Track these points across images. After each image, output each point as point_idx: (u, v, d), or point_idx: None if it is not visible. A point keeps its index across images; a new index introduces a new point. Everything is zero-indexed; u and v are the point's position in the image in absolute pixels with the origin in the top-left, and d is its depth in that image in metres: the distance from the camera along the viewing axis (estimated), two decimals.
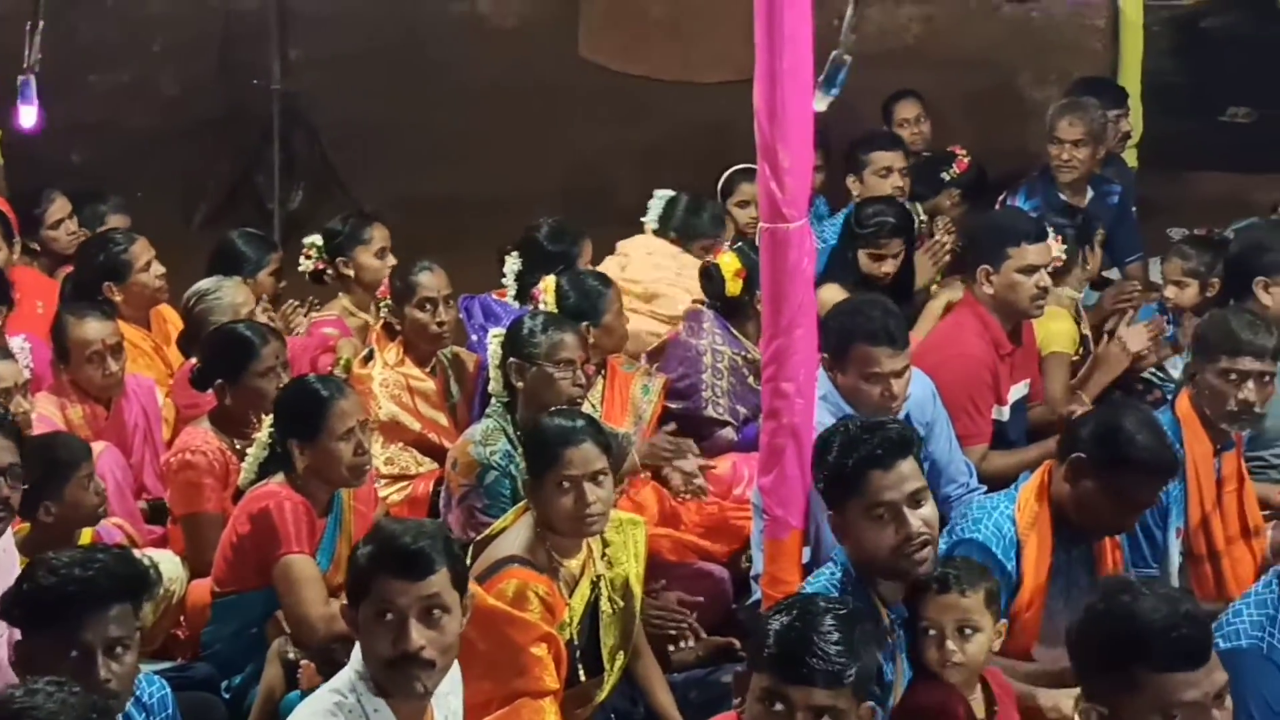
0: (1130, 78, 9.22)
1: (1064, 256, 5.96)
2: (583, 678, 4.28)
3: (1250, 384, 4.78)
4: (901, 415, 4.90)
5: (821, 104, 4.01)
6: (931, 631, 3.81)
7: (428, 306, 5.73)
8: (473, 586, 3.59)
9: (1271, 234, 5.87)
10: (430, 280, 5.76)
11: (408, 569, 3.32)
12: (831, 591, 3.80)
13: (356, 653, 3.38)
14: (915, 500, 3.84)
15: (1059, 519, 4.33)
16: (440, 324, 5.76)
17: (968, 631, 3.81)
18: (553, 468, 4.18)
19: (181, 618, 4.89)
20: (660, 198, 6.63)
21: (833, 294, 5.63)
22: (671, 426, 5.58)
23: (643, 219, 6.66)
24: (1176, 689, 2.98)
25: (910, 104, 8.17)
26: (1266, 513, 5.14)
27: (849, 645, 3.09)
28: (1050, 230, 5.75)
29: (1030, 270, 5.48)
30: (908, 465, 3.86)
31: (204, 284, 5.99)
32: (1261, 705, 3.66)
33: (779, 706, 3.09)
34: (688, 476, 5.30)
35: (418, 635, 3.29)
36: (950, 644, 3.79)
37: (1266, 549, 4.95)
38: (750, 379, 5.65)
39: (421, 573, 3.31)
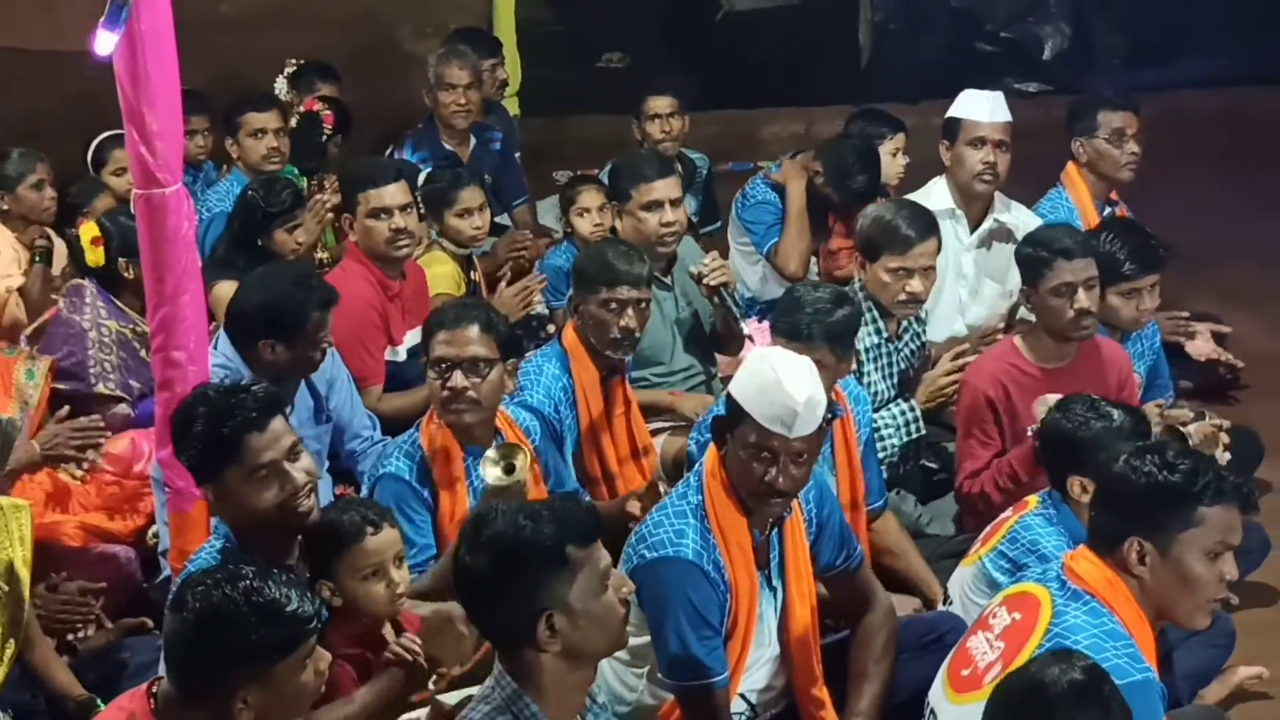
0: (505, 28, 9.45)
1: None
2: None
3: (630, 311, 5.01)
4: None
5: (105, 46, 3.90)
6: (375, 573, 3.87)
7: None
8: None
9: (628, 160, 6.16)
10: None
11: None
12: (214, 563, 3.74)
13: None
14: (293, 454, 3.85)
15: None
16: None
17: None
18: None
19: None
20: None
21: (229, 291, 5.43)
22: (66, 410, 5.36)
23: None
24: (601, 555, 3.21)
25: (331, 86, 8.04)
26: (658, 425, 5.45)
27: None
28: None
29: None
30: (279, 423, 3.85)
31: None
32: (687, 607, 3.90)
33: None
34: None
35: None
36: (394, 574, 3.88)
37: (656, 467, 5.24)
38: (142, 352, 5.48)
39: None
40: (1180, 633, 3.91)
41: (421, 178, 6.54)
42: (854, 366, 5.11)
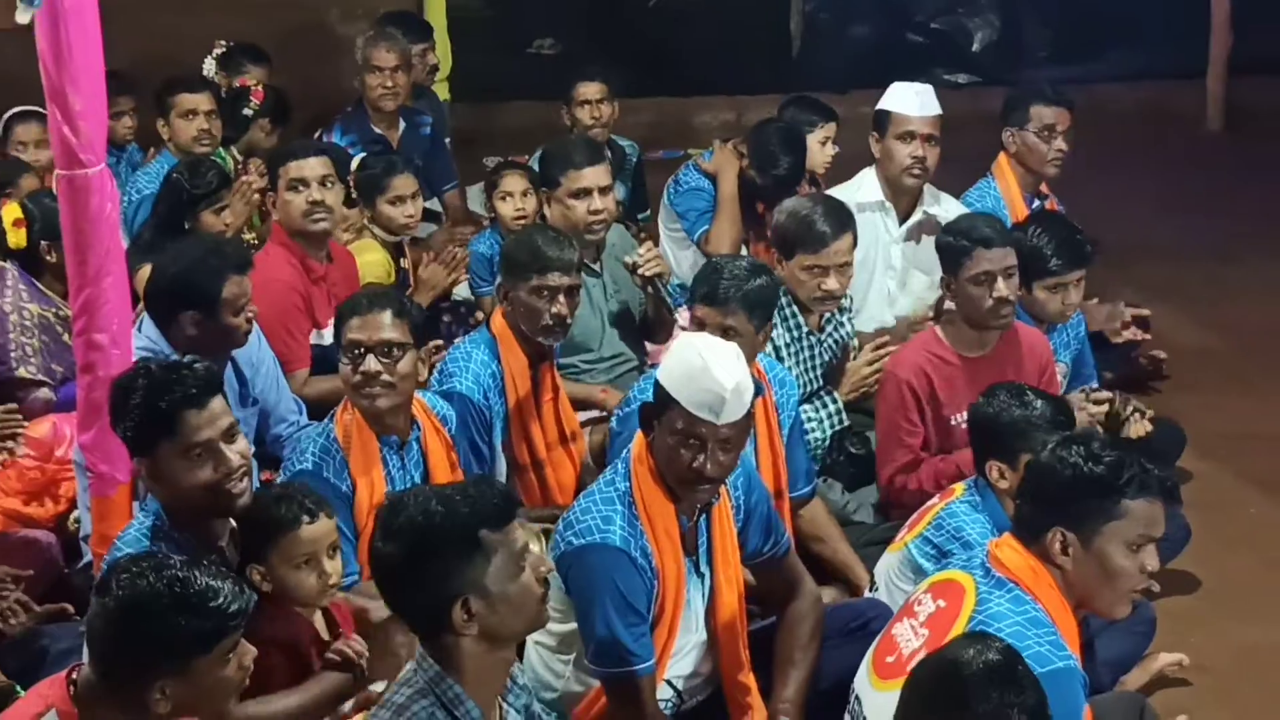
0: (436, 13, 9.42)
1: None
2: None
3: (561, 297, 4.97)
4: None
5: (23, 16, 3.85)
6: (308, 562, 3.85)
7: None
8: None
9: (557, 147, 6.14)
10: None
11: None
12: (143, 541, 3.74)
13: None
14: (230, 435, 3.82)
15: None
16: None
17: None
18: None
19: None
20: None
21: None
22: None
23: None
24: (517, 536, 3.22)
25: (261, 68, 7.93)
26: (587, 416, 5.43)
27: None
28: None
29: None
30: (218, 402, 3.83)
31: None
32: (614, 594, 3.89)
33: None
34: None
35: None
36: (327, 565, 3.86)
37: (585, 453, 5.23)
38: (65, 336, 5.42)
39: None
40: (1102, 620, 3.95)
41: (355, 163, 6.50)
42: (770, 349, 5.12)
